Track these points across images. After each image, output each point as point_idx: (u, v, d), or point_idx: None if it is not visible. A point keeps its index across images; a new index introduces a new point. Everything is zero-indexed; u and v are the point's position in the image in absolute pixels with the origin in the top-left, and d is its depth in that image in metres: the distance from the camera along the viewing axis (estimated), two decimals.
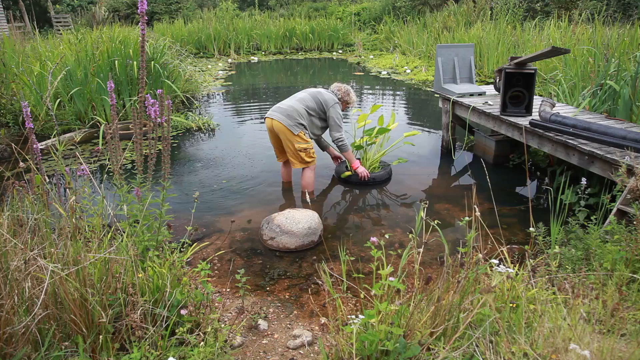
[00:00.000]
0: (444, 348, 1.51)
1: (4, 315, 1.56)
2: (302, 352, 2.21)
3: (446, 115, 5.25)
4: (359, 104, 7.84)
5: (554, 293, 1.86)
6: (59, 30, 13.08)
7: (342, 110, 4.24)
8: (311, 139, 4.14)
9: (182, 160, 5.29)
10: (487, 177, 2.82)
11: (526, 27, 10.25)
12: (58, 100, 6.25)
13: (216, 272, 2.91)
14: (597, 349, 1.39)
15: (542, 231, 2.64)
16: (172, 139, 5.97)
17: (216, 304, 2.41)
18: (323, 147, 4.59)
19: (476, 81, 6.05)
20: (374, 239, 1.85)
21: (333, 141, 4.16)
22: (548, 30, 9.05)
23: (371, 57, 14.06)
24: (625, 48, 5.11)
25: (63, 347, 1.65)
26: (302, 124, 4.00)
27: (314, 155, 4.14)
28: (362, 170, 4.31)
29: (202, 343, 1.80)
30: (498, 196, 3.44)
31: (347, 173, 4.42)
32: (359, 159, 4.50)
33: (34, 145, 2.21)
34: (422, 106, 8.14)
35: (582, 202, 2.99)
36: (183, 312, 1.83)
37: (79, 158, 3.15)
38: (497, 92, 5.04)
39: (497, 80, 4.90)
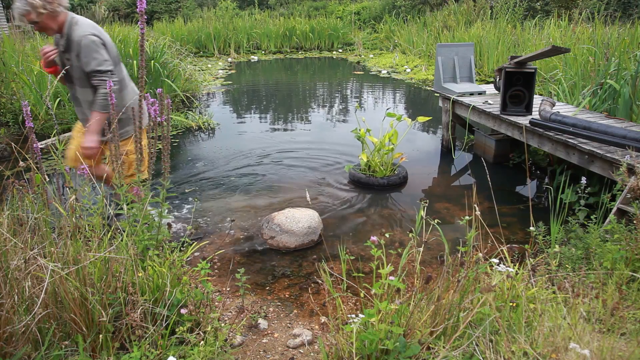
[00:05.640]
0: (444, 347, 1.51)
1: (4, 315, 1.56)
2: (302, 351, 2.21)
3: (446, 114, 5.24)
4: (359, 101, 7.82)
5: (554, 292, 1.86)
6: None
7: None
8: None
9: (182, 160, 5.29)
10: (487, 176, 2.82)
11: (526, 26, 10.25)
12: (58, 99, 6.24)
13: (216, 271, 2.91)
14: (597, 348, 1.39)
15: (542, 230, 2.64)
16: (172, 138, 5.97)
17: (216, 303, 2.40)
18: None
19: (476, 80, 6.05)
20: (374, 238, 1.85)
21: None
22: (548, 29, 9.04)
23: (371, 56, 14.05)
24: (626, 47, 5.11)
25: (63, 346, 1.65)
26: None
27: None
28: None
29: (202, 342, 1.80)
30: (498, 195, 3.44)
31: None
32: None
33: (34, 145, 2.21)
34: (422, 105, 8.14)
35: (582, 201, 2.99)
36: (183, 311, 1.83)
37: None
38: (497, 91, 5.04)
39: (497, 80, 4.90)
